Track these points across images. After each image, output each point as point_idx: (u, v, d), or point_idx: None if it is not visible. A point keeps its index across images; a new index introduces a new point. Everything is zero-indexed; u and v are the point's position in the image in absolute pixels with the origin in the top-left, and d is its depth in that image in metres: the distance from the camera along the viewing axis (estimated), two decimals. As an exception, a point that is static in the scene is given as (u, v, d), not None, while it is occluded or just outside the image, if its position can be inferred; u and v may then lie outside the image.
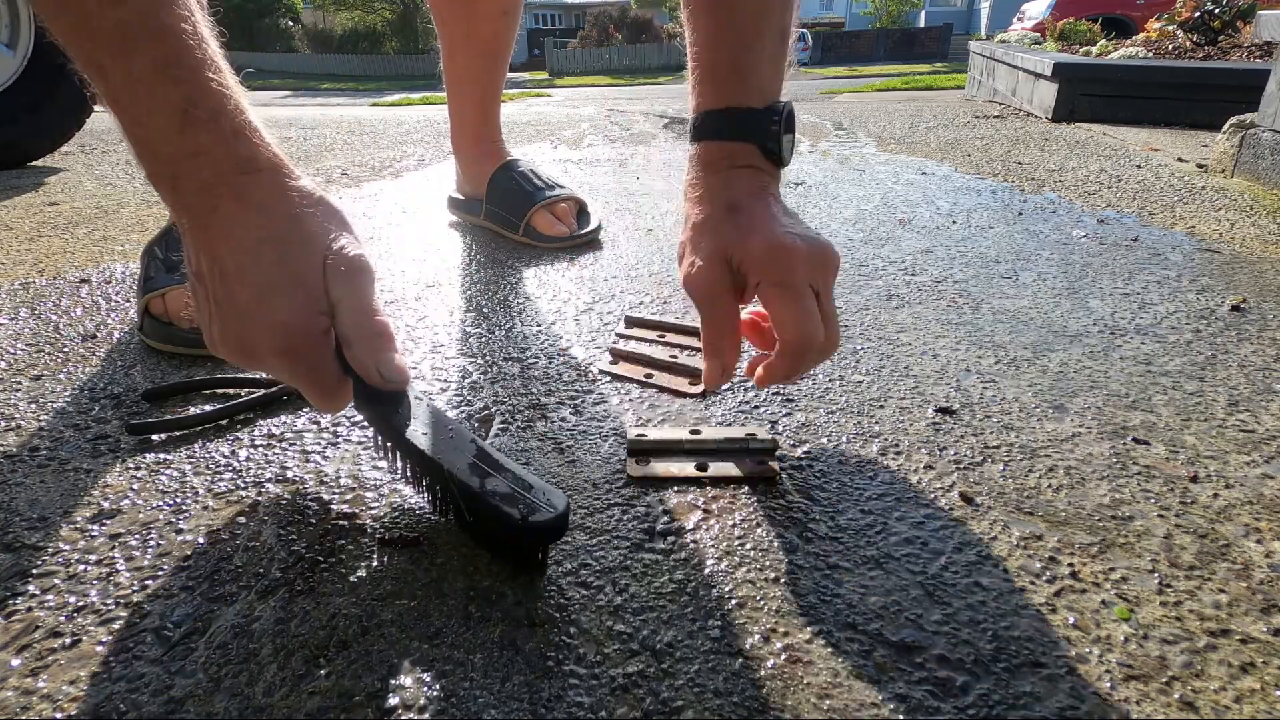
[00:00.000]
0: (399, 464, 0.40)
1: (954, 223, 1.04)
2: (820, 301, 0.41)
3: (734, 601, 0.34)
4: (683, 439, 0.46)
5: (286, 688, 0.29)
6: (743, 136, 0.46)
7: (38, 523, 0.40)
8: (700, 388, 0.54)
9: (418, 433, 0.38)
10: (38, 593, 0.35)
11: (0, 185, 1.37)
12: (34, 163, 1.63)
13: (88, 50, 0.35)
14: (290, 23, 21.71)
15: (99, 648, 0.32)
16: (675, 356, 0.58)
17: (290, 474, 0.44)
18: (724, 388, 0.54)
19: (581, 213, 1.00)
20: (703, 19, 0.47)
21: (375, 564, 0.36)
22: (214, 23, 0.40)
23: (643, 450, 0.46)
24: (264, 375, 0.55)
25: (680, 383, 0.55)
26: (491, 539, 0.37)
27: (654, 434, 0.47)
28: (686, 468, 0.44)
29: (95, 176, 1.49)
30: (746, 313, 0.45)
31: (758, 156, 0.46)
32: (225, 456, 0.46)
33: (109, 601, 0.34)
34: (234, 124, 0.37)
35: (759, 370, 0.43)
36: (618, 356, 0.60)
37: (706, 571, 0.36)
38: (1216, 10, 2.80)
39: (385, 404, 0.39)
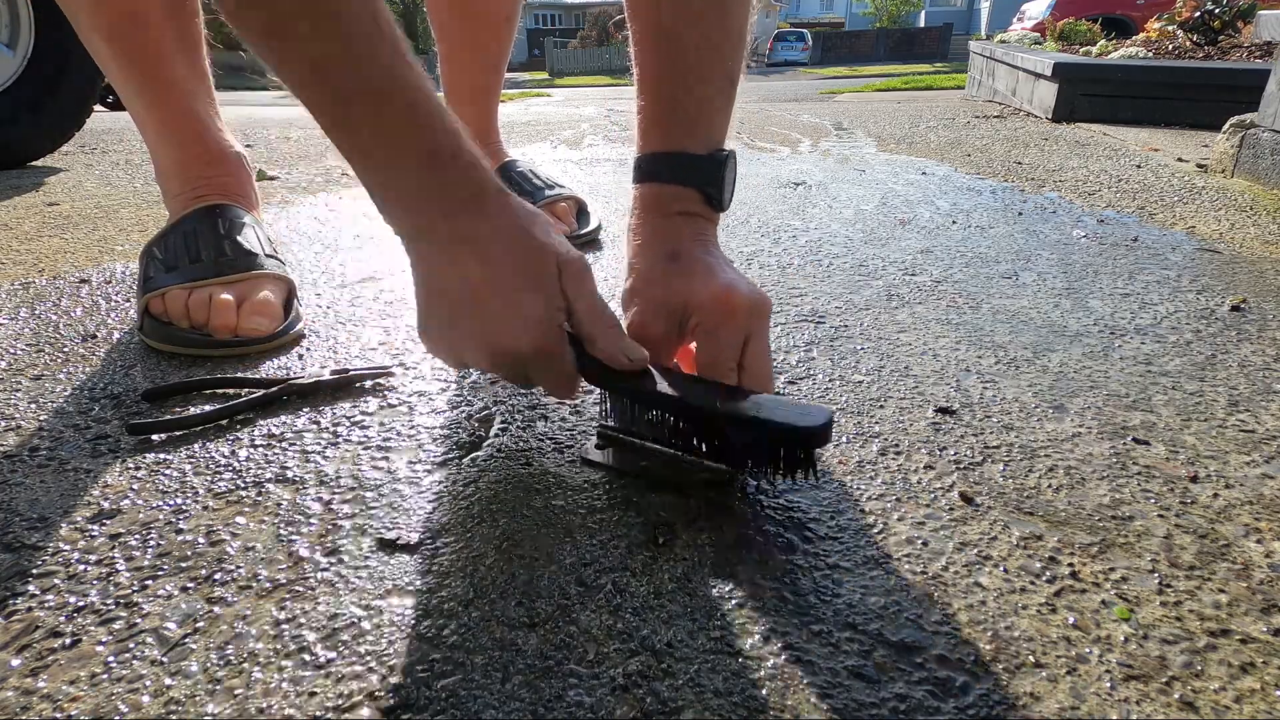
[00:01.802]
0: (643, 421, 0.44)
1: (954, 223, 1.04)
2: (751, 343, 0.44)
3: (734, 601, 0.34)
4: (648, 439, 0.45)
5: (286, 688, 0.29)
6: (683, 181, 0.47)
7: (38, 523, 0.40)
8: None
9: (670, 389, 0.41)
10: (38, 593, 0.35)
11: (0, 185, 1.37)
12: (34, 163, 1.63)
13: (340, 113, 0.40)
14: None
15: (99, 648, 0.32)
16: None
17: (290, 474, 0.44)
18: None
19: (581, 212, 1.00)
20: (649, 57, 0.48)
21: (375, 564, 0.36)
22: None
23: (609, 439, 0.46)
24: (263, 376, 0.55)
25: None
26: (764, 457, 0.40)
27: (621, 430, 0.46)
28: (639, 464, 0.44)
29: (95, 176, 1.49)
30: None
31: (698, 201, 0.47)
32: (225, 456, 0.46)
33: (109, 601, 0.34)
34: (468, 159, 0.41)
35: None
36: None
37: (706, 571, 0.36)
38: (1216, 10, 2.80)
39: (630, 379, 0.43)
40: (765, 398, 0.41)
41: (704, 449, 0.42)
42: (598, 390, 0.48)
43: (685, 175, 0.47)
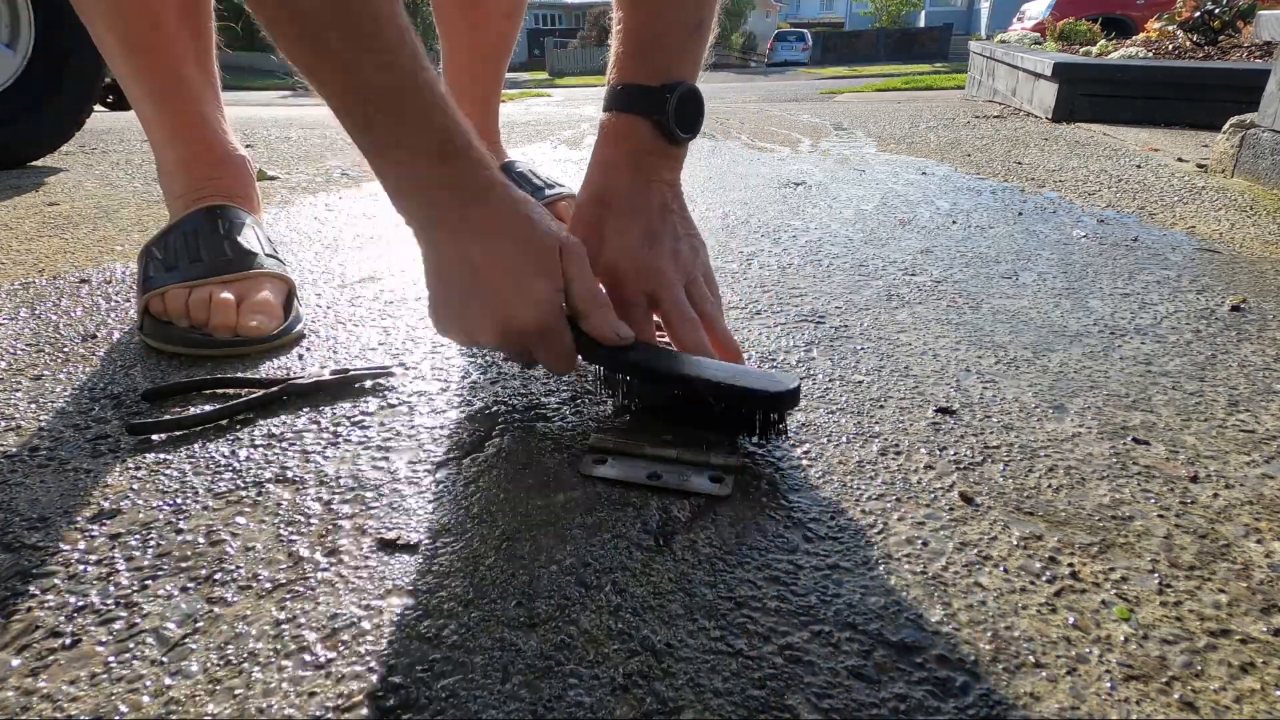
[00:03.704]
0: (631, 392, 0.49)
1: (954, 223, 1.04)
2: (661, 304, 0.50)
3: (734, 601, 0.34)
4: (644, 448, 0.45)
5: (286, 688, 0.29)
6: (633, 110, 0.52)
7: (38, 523, 0.40)
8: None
9: (654, 362, 0.47)
10: (38, 593, 0.35)
11: (0, 185, 1.37)
12: (34, 163, 1.63)
13: (361, 111, 0.43)
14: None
15: (99, 648, 0.32)
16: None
17: (290, 474, 0.44)
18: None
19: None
20: (625, 9, 0.54)
21: (375, 564, 0.36)
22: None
23: (604, 450, 0.45)
24: (263, 376, 0.55)
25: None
26: (739, 421, 0.46)
27: (618, 438, 0.46)
28: (639, 475, 0.43)
29: (95, 176, 1.49)
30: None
31: (650, 132, 0.52)
32: (225, 456, 0.46)
33: (109, 601, 0.34)
34: (476, 155, 0.45)
35: None
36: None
37: (706, 571, 0.36)
38: (1216, 10, 2.80)
39: (620, 351, 0.47)
40: (739, 368, 0.47)
41: (686, 415, 0.47)
42: (599, 392, 0.52)
43: (634, 104, 0.52)
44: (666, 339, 0.54)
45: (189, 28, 0.71)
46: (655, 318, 0.53)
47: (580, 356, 0.48)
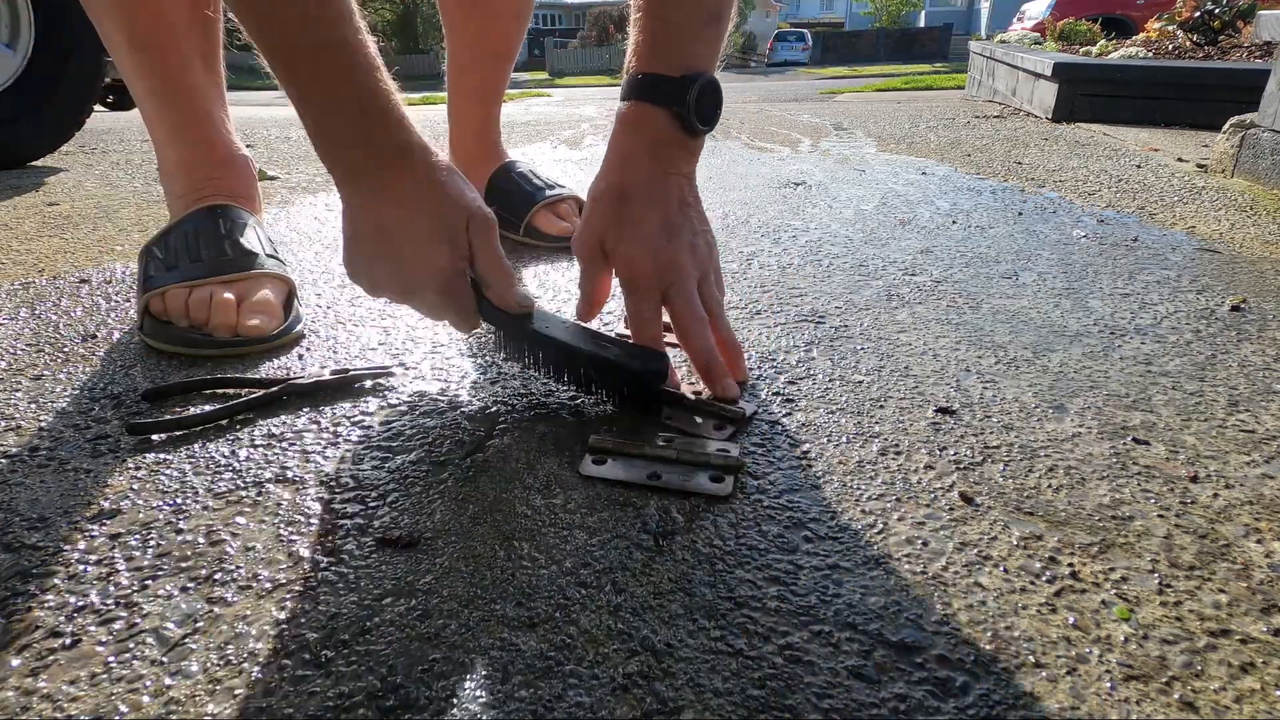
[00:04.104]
0: (529, 357, 0.52)
1: (954, 223, 1.04)
2: (671, 301, 0.51)
3: (734, 601, 0.34)
4: (641, 448, 0.45)
5: (286, 688, 0.29)
6: (652, 99, 0.52)
7: (38, 523, 0.40)
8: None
9: (548, 330, 0.50)
10: (38, 593, 0.35)
11: (0, 185, 1.37)
12: (34, 163, 1.63)
13: (285, 59, 0.45)
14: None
15: (99, 648, 0.32)
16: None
17: (290, 474, 0.44)
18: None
19: (583, 211, 1.00)
20: (642, 3, 0.54)
21: (375, 564, 0.36)
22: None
23: (604, 450, 0.45)
24: (263, 376, 0.55)
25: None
26: (615, 392, 0.51)
27: (617, 439, 0.46)
28: (640, 475, 0.43)
29: (95, 176, 1.49)
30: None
31: (669, 122, 0.52)
32: (225, 456, 0.46)
33: (109, 601, 0.34)
34: (395, 116, 0.47)
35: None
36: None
37: (706, 571, 0.36)
38: (1216, 10, 2.80)
39: (521, 319, 0.51)
40: (619, 343, 0.51)
41: (567, 379, 0.52)
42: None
43: (654, 94, 0.52)
44: (670, 338, 0.54)
45: (197, 26, 0.71)
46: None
47: (483, 319, 0.52)
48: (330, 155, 0.48)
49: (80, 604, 0.34)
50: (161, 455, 0.46)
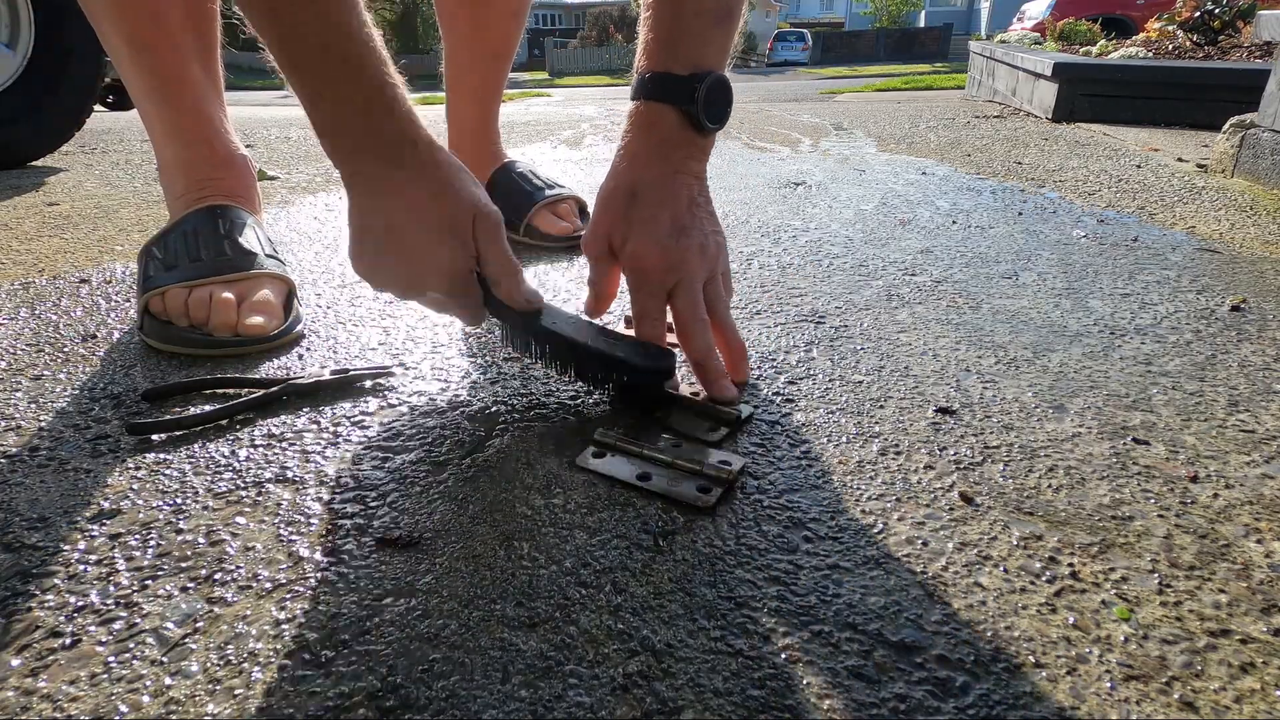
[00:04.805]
0: (535, 352, 0.52)
1: (954, 223, 1.04)
2: (675, 298, 0.51)
3: (734, 601, 0.34)
4: (641, 447, 0.45)
5: (286, 688, 0.29)
6: (662, 98, 0.52)
7: (38, 523, 0.40)
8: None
9: (555, 325, 0.50)
10: (38, 593, 0.35)
11: (0, 185, 1.37)
12: (34, 163, 1.63)
13: (293, 54, 0.45)
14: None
15: (99, 648, 0.32)
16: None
17: (290, 474, 0.44)
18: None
19: (583, 211, 1.00)
20: (651, 2, 0.55)
21: (375, 564, 0.36)
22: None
23: (605, 445, 0.46)
24: (263, 376, 0.55)
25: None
26: (619, 389, 0.51)
27: (621, 435, 0.46)
28: (630, 474, 0.43)
29: (95, 176, 1.49)
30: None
31: (679, 120, 0.52)
32: (225, 456, 0.46)
33: (109, 601, 0.34)
34: (403, 110, 0.47)
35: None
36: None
37: (706, 571, 0.36)
38: (1216, 10, 2.80)
39: (529, 316, 0.51)
40: (627, 340, 0.51)
41: (573, 375, 0.51)
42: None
43: (664, 93, 0.52)
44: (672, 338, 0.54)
45: (194, 26, 0.71)
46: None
47: (490, 314, 0.52)
48: (337, 149, 0.48)
49: (80, 604, 0.34)
50: (161, 455, 0.46)
